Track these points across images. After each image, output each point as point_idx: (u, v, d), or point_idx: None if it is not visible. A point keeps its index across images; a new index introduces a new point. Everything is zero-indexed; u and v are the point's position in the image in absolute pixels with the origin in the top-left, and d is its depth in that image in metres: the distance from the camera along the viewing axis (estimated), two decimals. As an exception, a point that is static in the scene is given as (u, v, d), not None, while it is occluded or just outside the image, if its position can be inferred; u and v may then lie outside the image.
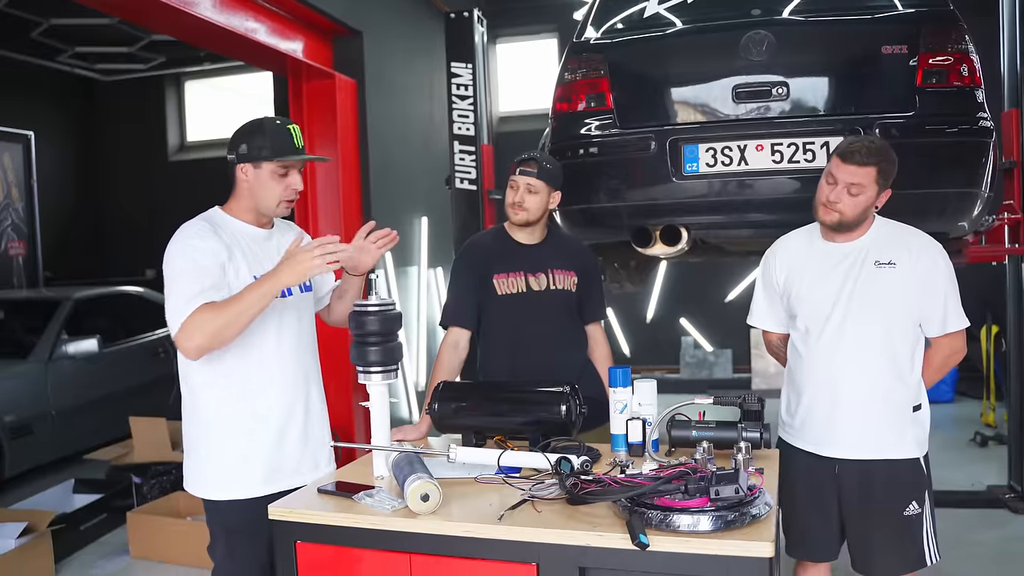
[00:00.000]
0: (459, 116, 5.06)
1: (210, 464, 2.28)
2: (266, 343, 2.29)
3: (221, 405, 2.26)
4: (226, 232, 2.24)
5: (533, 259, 2.84)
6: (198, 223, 2.24)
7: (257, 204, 2.28)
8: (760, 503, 1.78)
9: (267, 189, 2.26)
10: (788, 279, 2.60)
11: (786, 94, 3.11)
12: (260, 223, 2.34)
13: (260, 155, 2.23)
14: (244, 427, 2.26)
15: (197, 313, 2.07)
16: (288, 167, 2.26)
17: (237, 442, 2.26)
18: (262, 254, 2.29)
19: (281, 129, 2.26)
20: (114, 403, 6.08)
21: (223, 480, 2.27)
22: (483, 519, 1.84)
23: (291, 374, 2.35)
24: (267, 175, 2.25)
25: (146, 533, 4.22)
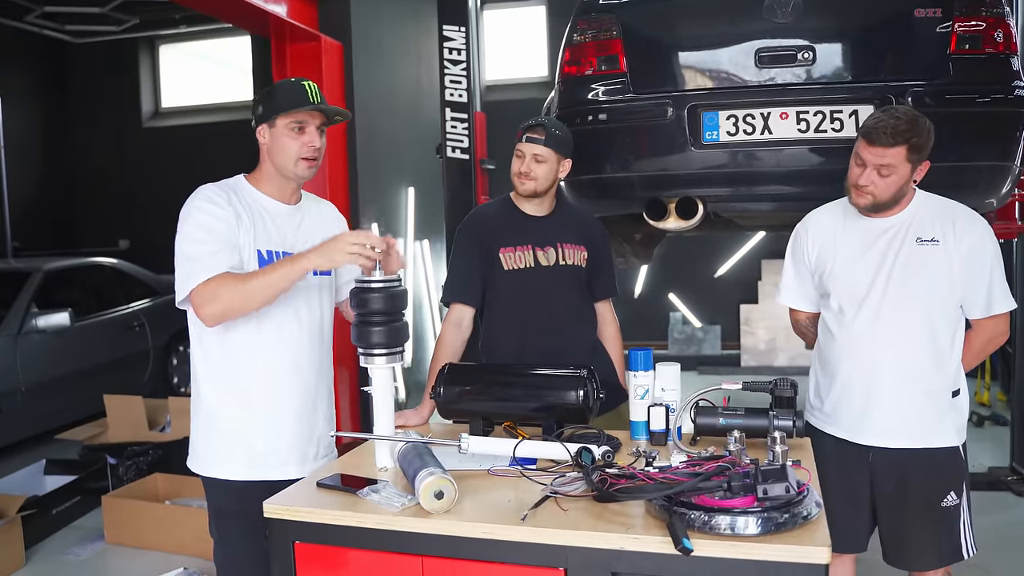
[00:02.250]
0: (451, 82, 4.85)
1: (204, 438, 2.21)
2: (275, 324, 2.18)
3: (222, 378, 2.18)
4: (242, 201, 2.14)
5: (542, 232, 2.68)
6: (214, 187, 2.15)
7: (277, 166, 2.17)
8: (810, 502, 1.63)
9: (283, 147, 2.14)
10: (821, 256, 2.46)
11: (812, 59, 2.94)
12: (284, 196, 2.22)
13: (273, 111, 2.12)
14: (243, 406, 2.17)
15: (215, 281, 2.00)
16: (303, 122, 2.13)
17: (233, 421, 2.17)
18: (277, 230, 2.19)
19: (295, 85, 2.15)
20: (87, 379, 5.88)
21: (213, 456, 2.19)
22: (502, 518, 1.68)
23: (300, 359, 2.24)
24: (282, 132, 2.13)
25: (122, 517, 4.03)
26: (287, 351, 2.21)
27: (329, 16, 5.27)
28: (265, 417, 2.18)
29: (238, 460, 2.16)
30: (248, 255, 2.11)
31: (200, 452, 2.22)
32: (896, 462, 2.36)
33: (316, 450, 2.28)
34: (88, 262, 6.81)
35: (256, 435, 2.17)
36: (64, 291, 6.34)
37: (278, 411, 2.19)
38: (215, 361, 2.17)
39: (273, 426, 2.18)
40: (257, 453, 2.16)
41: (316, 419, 2.29)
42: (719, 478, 1.63)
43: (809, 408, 2.55)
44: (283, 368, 2.20)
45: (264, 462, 2.17)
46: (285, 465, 2.19)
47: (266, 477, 2.14)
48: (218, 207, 2.09)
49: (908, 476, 2.36)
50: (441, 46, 4.86)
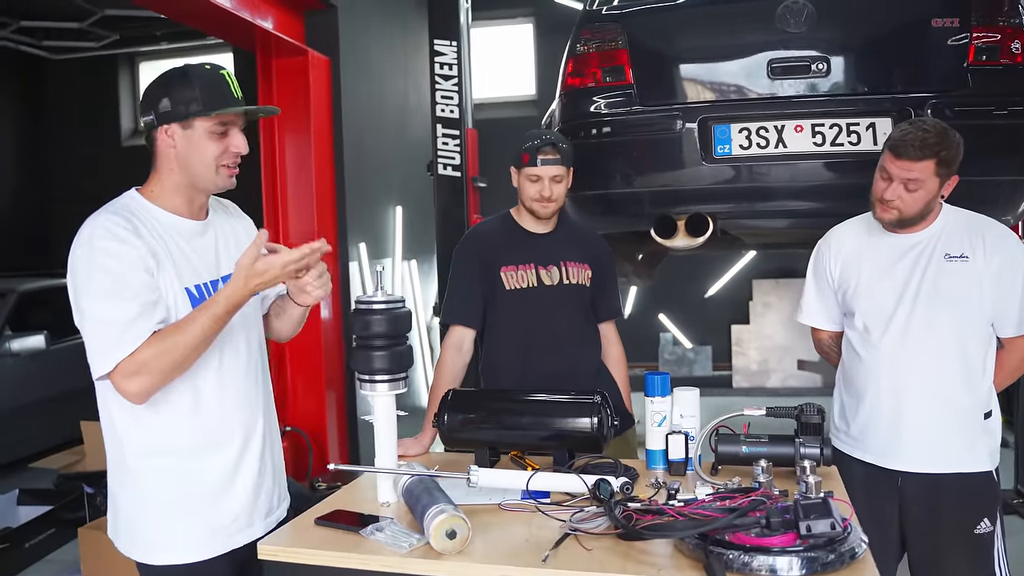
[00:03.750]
0: (442, 97, 4.72)
1: (138, 519, 1.82)
2: (207, 369, 1.80)
3: (159, 447, 1.78)
4: (148, 228, 1.73)
5: (545, 250, 2.58)
6: (112, 217, 1.71)
7: (191, 176, 1.77)
8: (855, 538, 1.51)
9: (202, 154, 1.75)
10: (844, 273, 2.36)
11: (827, 70, 2.86)
12: (192, 210, 1.83)
13: (189, 111, 1.72)
14: (179, 476, 1.79)
15: (145, 349, 1.64)
16: (227, 123, 1.76)
17: (167, 497, 1.79)
18: (195, 256, 1.81)
19: (213, 76, 1.76)
20: (63, 405, 5.65)
21: (157, 539, 1.80)
22: (520, 559, 1.55)
23: (239, 409, 1.87)
24: (201, 136, 1.74)
25: (100, 550, 3.81)
26: (232, 391, 1.86)
27: (316, 30, 5.14)
28: (222, 478, 1.83)
29: (198, 535, 1.80)
30: (174, 298, 1.74)
31: (143, 536, 1.82)
32: (927, 487, 2.26)
33: (278, 496, 2.00)
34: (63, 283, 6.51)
35: (216, 501, 1.82)
36: (39, 313, 6.14)
37: (235, 466, 1.85)
38: (145, 429, 1.77)
39: (234, 485, 1.85)
40: (221, 521, 1.82)
41: (273, 463, 1.98)
42: (756, 513, 1.51)
43: (834, 431, 2.44)
44: (229, 415, 1.85)
45: (231, 528, 1.84)
46: (251, 526, 1.88)
47: (235, 546, 1.84)
48: (128, 246, 1.68)
49: (940, 502, 2.26)
50: (432, 61, 4.74)
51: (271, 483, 1.96)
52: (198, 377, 1.78)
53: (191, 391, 1.78)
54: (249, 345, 1.93)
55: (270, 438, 1.97)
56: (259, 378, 1.96)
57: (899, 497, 2.30)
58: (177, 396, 1.76)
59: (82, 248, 1.69)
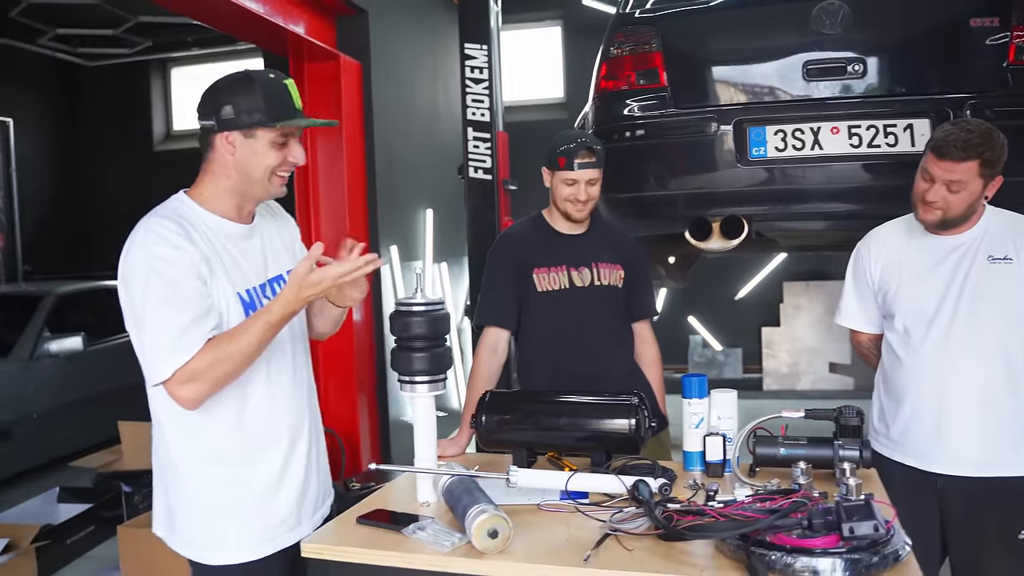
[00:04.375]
0: (473, 101, 4.73)
1: (192, 520, 1.83)
2: (256, 374, 1.81)
3: (198, 460, 1.80)
4: (200, 233, 1.74)
5: (576, 251, 2.58)
6: (165, 223, 1.71)
7: (247, 183, 1.78)
8: (898, 540, 1.51)
9: (261, 163, 1.76)
10: (884, 275, 2.35)
11: (863, 71, 2.85)
12: (241, 214, 1.84)
13: (253, 120, 1.72)
14: (226, 486, 1.81)
15: (201, 357, 1.65)
16: (288, 135, 1.77)
17: (219, 503, 1.81)
18: (244, 260, 1.82)
19: (277, 85, 1.75)
20: (100, 405, 5.77)
21: (208, 541, 1.82)
22: (561, 559, 1.56)
23: (286, 415, 1.89)
24: (263, 146, 1.74)
25: (138, 548, 3.88)
26: (281, 393, 1.89)
27: (348, 34, 5.18)
28: (271, 480, 1.85)
29: (251, 535, 1.83)
30: (227, 304, 1.75)
31: (195, 536, 1.83)
32: (968, 491, 2.23)
33: (325, 496, 2.03)
34: (100, 286, 6.71)
35: (266, 503, 1.84)
36: (77, 315, 6.24)
37: (283, 468, 1.87)
38: (195, 435, 1.79)
39: (282, 486, 1.87)
40: (271, 522, 1.85)
41: (318, 462, 2.01)
42: (797, 515, 1.52)
43: (873, 434, 2.43)
44: (277, 418, 1.88)
45: (281, 528, 1.86)
46: (299, 525, 1.90)
47: (284, 545, 1.86)
48: (183, 253, 1.69)
49: (981, 506, 2.23)
50: (463, 64, 4.75)
51: (317, 482, 1.98)
52: (247, 383, 1.80)
53: (240, 397, 1.80)
54: (295, 348, 1.94)
55: (315, 438, 1.99)
56: (304, 380, 1.98)
57: (940, 500, 2.28)
58: (226, 402, 1.78)
59: (138, 252, 1.70)
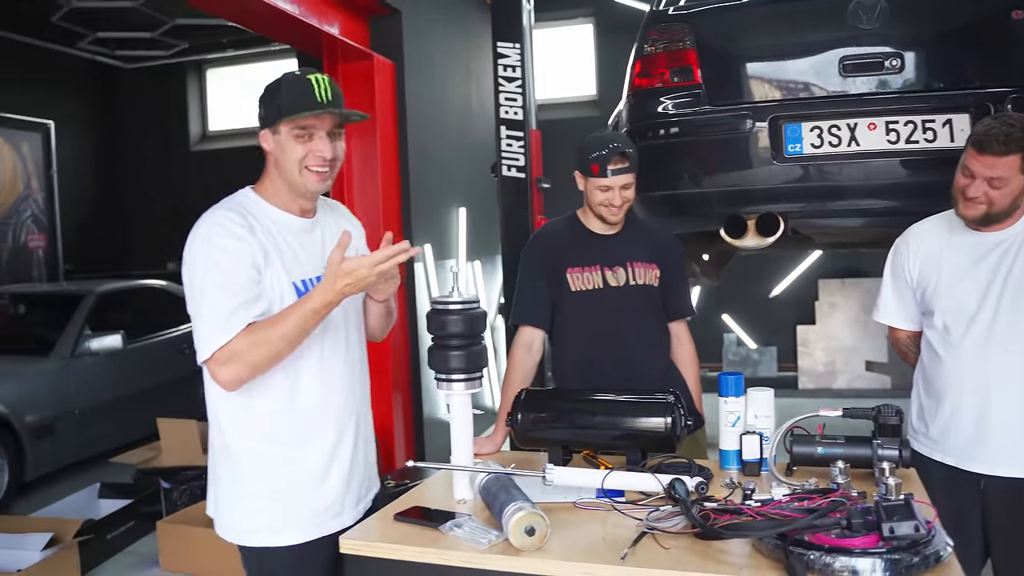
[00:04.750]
0: (506, 99, 4.74)
1: (241, 505, 1.89)
2: (308, 360, 1.88)
3: (250, 439, 1.87)
4: (261, 225, 1.84)
5: (610, 251, 2.56)
6: (229, 214, 1.82)
7: (285, 178, 1.86)
8: (939, 541, 1.49)
9: (288, 156, 1.82)
10: (924, 271, 2.31)
11: (900, 67, 2.81)
12: (300, 209, 1.92)
13: (273, 116, 1.82)
14: (278, 466, 1.88)
15: (239, 340, 1.72)
16: (309, 128, 1.81)
17: (270, 483, 1.87)
18: (303, 252, 1.90)
19: (299, 81, 1.80)
20: (139, 402, 5.86)
21: (256, 524, 1.88)
22: (599, 557, 1.56)
23: (337, 399, 1.95)
24: (286, 139, 1.82)
25: (177, 543, 3.96)
26: (332, 385, 1.94)
27: (381, 34, 5.22)
28: (319, 466, 1.91)
29: (299, 518, 1.88)
30: (280, 292, 1.82)
31: (239, 521, 1.90)
32: (1011, 491, 2.20)
33: (369, 486, 2.08)
34: (139, 284, 6.83)
35: (314, 487, 1.90)
36: (116, 313, 6.34)
37: (331, 456, 1.93)
38: (248, 415, 1.86)
39: (329, 473, 1.92)
40: (317, 507, 1.90)
41: (365, 454, 2.06)
42: (836, 514, 1.50)
43: (912, 433, 2.39)
44: (331, 405, 1.94)
45: (326, 514, 1.92)
46: (342, 514, 1.95)
47: (328, 532, 1.90)
48: (243, 243, 1.78)
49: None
50: (496, 63, 4.76)
51: (362, 473, 2.03)
52: (300, 366, 1.86)
53: (292, 379, 1.86)
54: (349, 341, 2.00)
55: (364, 430, 2.05)
56: (357, 370, 2.04)
57: (982, 501, 2.25)
58: (278, 383, 1.84)
59: (200, 242, 1.79)
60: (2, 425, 4.97)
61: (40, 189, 8.80)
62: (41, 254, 8.77)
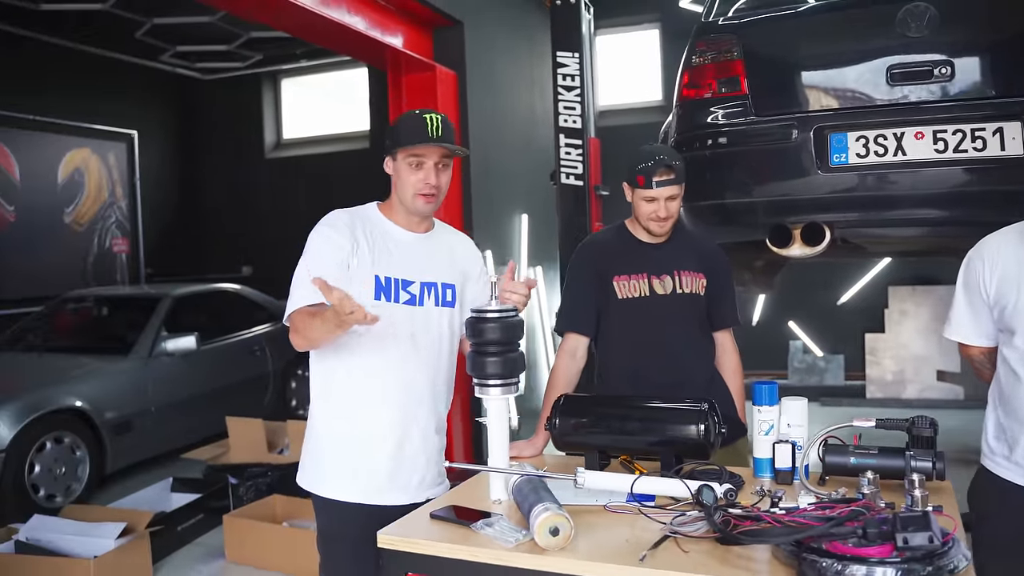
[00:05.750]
0: (565, 108, 4.82)
1: (312, 456, 2.26)
2: (385, 350, 2.18)
3: (331, 401, 2.23)
4: (366, 227, 2.19)
5: (658, 260, 2.59)
6: (341, 213, 2.21)
7: (400, 198, 2.21)
8: (956, 554, 1.49)
9: (403, 181, 2.18)
10: (1001, 288, 2.16)
11: (950, 74, 2.76)
12: (412, 225, 2.25)
13: (395, 144, 2.17)
14: (349, 429, 2.20)
15: (296, 314, 2.07)
16: (421, 157, 2.14)
17: (338, 443, 2.21)
18: (400, 256, 2.20)
19: (416, 118, 2.15)
20: (211, 401, 6.07)
21: (319, 475, 2.23)
22: (620, 558, 1.60)
23: (412, 386, 2.23)
24: (402, 166, 2.17)
25: (242, 537, 4.13)
26: (398, 378, 2.21)
27: (444, 46, 5.34)
28: (369, 442, 2.19)
29: (340, 481, 2.19)
30: (362, 280, 2.13)
31: (308, 469, 2.27)
32: None
33: (423, 478, 2.25)
34: (213, 288, 7.06)
35: (359, 459, 2.19)
36: (191, 315, 6.54)
37: (383, 437, 2.19)
38: (326, 383, 2.23)
39: (376, 452, 2.19)
40: (359, 476, 2.18)
41: (424, 447, 2.26)
42: (853, 524, 1.52)
43: (989, 453, 2.26)
44: (392, 394, 2.20)
45: (366, 486, 2.18)
46: (387, 491, 2.19)
47: (367, 501, 2.17)
48: (337, 232, 2.14)
49: None
50: (555, 72, 4.84)
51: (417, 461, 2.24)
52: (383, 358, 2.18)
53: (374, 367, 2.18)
54: (435, 349, 2.27)
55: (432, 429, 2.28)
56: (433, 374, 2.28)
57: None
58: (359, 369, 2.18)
59: (314, 229, 2.18)
60: (84, 421, 5.22)
61: (124, 196, 9.21)
62: (124, 258, 9.18)
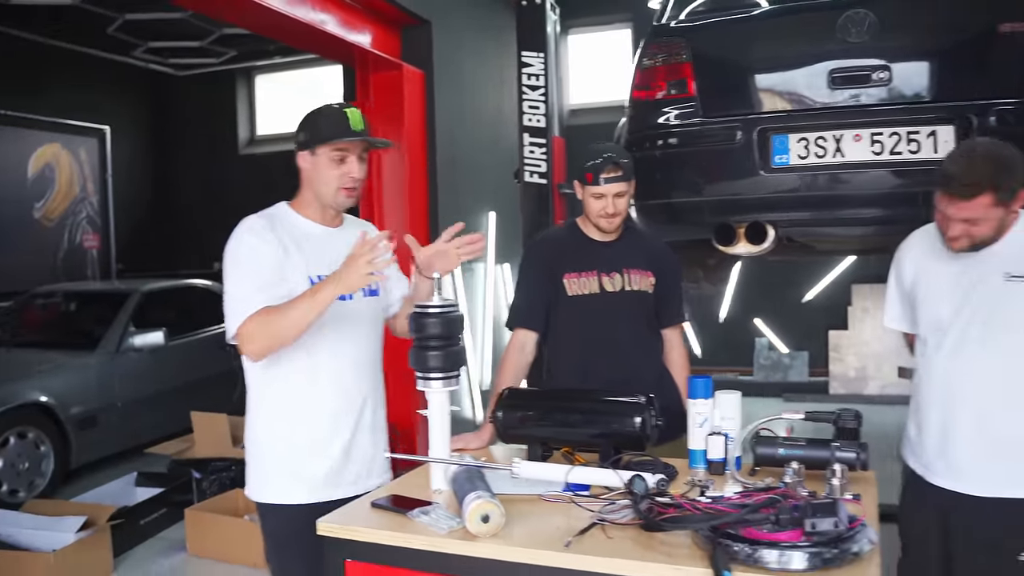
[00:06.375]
0: (529, 107, 4.88)
1: (258, 466, 2.24)
2: (319, 351, 2.18)
3: (272, 406, 2.21)
4: (285, 229, 2.17)
5: (608, 258, 2.64)
6: (256, 219, 2.18)
7: (316, 194, 2.20)
8: (862, 538, 1.57)
9: (324, 176, 2.16)
10: (915, 280, 2.32)
11: (888, 79, 2.86)
12: (326, 219, 2.25)
13: (315, 140, 2.15)
14: (288, 434, 2.19)
15: (255, 316, 2.03)
16: (344, 151, 2.15)
17: (280, 447, 2.20)
18: (325, 253, 2.18)
19: (337, 112, 2.16)
20: (178, 397, 6.08)
21: (266, 483, 2.22)
22: (548, 544, 1.67)
23: (343, 385, 2.24)
24: (324, 161, 2.15)
25: (204, 530, 4.16)
26: (341, 374, 2.22)
27: (411, 45, 5.38)
28: (317, 442, 2.20)
29: (290, 484, 2.18)
30: (296, 283, 2.12)
31: (256, 479, 2.24)
32: (969, 509, 2.18)
33: (370, 469, 2.29)
34: (183, 283, 7.07)
35: (307, 459, 2.19)
36: (160, 311, 6.53)
37: (330, 435, 2.21)
38: (266, 389, 2.21)
39: (325, 450, 2.20)
40: (308, 477, 2.19)
41: (372, 438, 2.30)
42: (768, 510, 1.59)
43: (904, 441, 2.40)
44: (336, 391, 2.22)
45: (316, 485, 2.19)
46: (335, 487, 2.20)
47: (317, 500, 2.15)
48: (261, 240, 2.12)
49: (982, 525, 2.17)
50: (520, 72, 4.89)
51: (363, 455, 2.26)
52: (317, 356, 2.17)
53: (308, 365, 2.17)
54: (369, 340, 2.30)
55: (371, 420, 2.30)
56: (368, 367, 2.31)
57: (942, 515, 2.25)
58: (296, 371, 2.16)
59: (233, 241, 2.15)
60: (49, 416, 5.23)
61: (95, 192, 9.18)
62: (95, 254, 9.15)
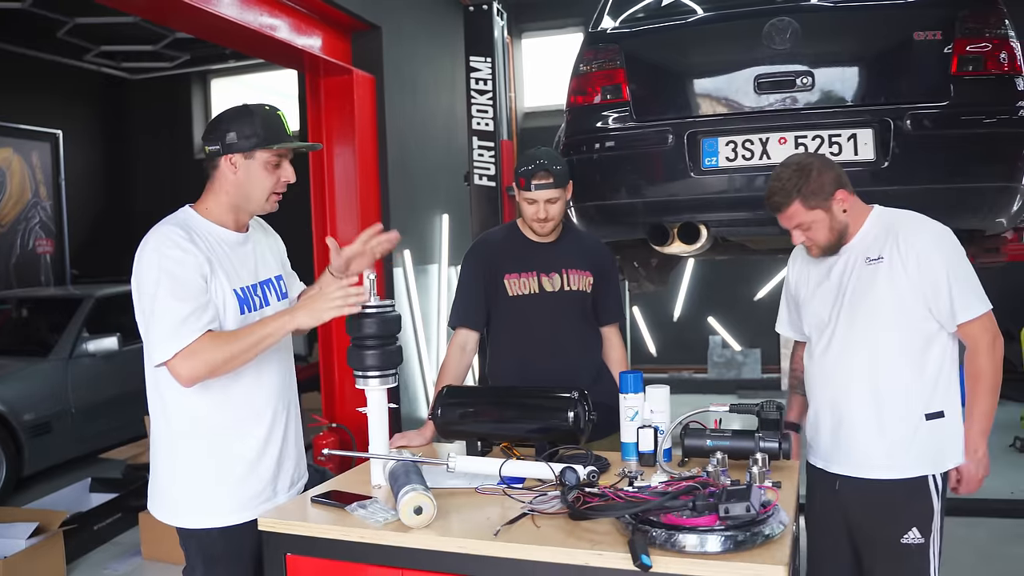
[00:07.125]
0: (478, 111, 4.95)
1: (179, 489, 2.08)
2: (245, 374, 2.07)
3: (193, 425, 2.05)
4: (203, 239, 2.03)
5: (546, 258, 2.71)
6: (175, 230, 2.00)
7: (246, 199, 2.09)
8: (774, 521, 1.66)
9: (258, 182, 2.07)
10: (796, 285, 2.45)
11: (811, 84, 2.97)
12: (239, 225, 2.14)
13: (252, 143, 2.04)
14: (218, 451, 2.07)
15: (201, 342, 1.91)
16: (281, 157, 2.09)
17: (210, 466, 2.06)
18: (239, 262, 2.10)
19: (272, 115, 2.09)
20: (131, 402, 6.02)
21: (196, 506, 2.07)
22: (479, 534, 1.74)
23: (271, 394, 2.16)
24: (259, 166, 2.06)
25: (158, 534, 4.15)
26: (269, 386, 2.16)
27: (361, 50, 5.43)
28: (252, 455, 2.10)
29: (222, 506, 2.07)
30: (223, 299, 2.03)
31: (178, 505, 2.09)
32: (859, 492, 2.25)
33: (301, 474, 2.27)
34: (137, 289, 7.02)
35: (246, 474, 2.09)
36: (115, 316, 6.45)
37: (263, 445, 2.12)
38: (184, 410, 2.04)
39: (261, 461, 2.11)
40: (249, 492, 2.09)
41: (296, 444, 2.26)
42: (686, 497, 1.68)
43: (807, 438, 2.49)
44: (267, 404, 2.14)
45: (258, 499, 2.10)
46: (275, 497, 2.14)
47: (253, 516, 2.04)
48: (189, 254, 1.97)
49: (869, 508, 2.24)
50: (468, 76, 4.97)
51: (291, 462, 2.22)
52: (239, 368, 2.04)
53: (231, 378, 2.04)
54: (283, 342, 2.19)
55: (294, 423, 2.26)
56: (287, 370, 2.26)
57: (841, 502, 2.30)
58: (216, 383, 2.02)
59: (149, 255, 1.98)
60: (1, 423, 5.20)
61: (48, 196, 9.08)
62: (48, 259, 9.04)
